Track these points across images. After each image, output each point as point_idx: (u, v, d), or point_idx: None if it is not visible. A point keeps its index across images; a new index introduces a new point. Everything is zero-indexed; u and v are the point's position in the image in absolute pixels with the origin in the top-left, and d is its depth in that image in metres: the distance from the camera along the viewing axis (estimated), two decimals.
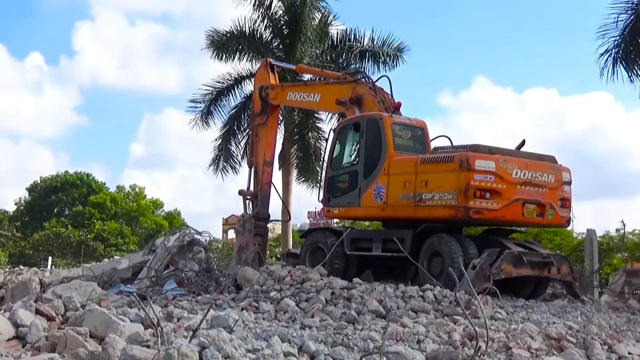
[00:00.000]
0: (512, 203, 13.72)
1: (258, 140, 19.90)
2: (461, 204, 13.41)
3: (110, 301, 11.56)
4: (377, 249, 14.99)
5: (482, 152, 13.78)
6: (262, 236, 19.38)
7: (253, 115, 20.56)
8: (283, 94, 19.50)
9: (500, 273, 13.07)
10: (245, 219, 19.22)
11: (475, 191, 13.40)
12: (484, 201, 13.47)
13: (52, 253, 48.21)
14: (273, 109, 19.96)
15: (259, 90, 19.77)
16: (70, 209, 69.19)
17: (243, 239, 19.02)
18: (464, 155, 13.62)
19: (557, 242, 32.63)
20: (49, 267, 34.52)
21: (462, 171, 13.48)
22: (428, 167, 14.26)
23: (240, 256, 18.53)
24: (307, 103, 19.51)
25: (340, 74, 19.31)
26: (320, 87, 19.13)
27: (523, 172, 13.84)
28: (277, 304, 11.21)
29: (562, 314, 12.43)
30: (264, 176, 19.58)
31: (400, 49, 30.01)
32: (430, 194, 13.93)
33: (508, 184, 13.66)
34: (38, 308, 8.08)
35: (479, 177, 13.43)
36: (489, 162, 13.57)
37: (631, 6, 20.34)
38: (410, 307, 10.93)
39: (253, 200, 19.59)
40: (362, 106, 16.67)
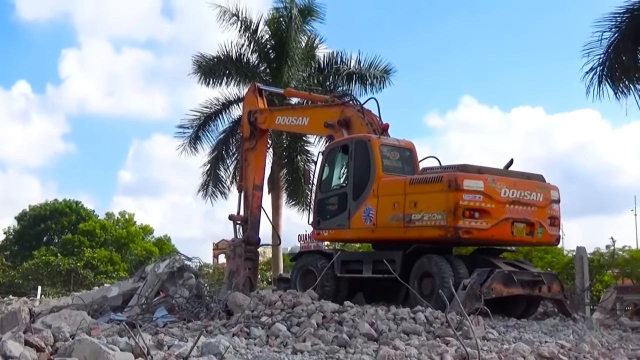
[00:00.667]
0: (501, 222, 13.76)
1: (247, 165, 19.87)
2: (450, 224, 13.43)
3: (100, 330, 11.48)
4: (368, 270, 14.98)
5: (470, 172, 13.83)
6: (252, 260, 19.30)
7: (242, 140, 20.55)
8: (272, 118, 19.51)
9: (491, 292, 13.08)
10: (236, 244, 19.16)
11: (464, 211, 13.44)
12: (473, 221, 13.51)
13: (41, 282, 47.89)
14: (262, 133, 19.94)
15: (248, 115, 19.72)
16: (59, 237, 68.79)
17: (234, 264, 18.95)
18: (453, 175, 13.66)
19: (547, 260, 32.69)
20: (38, 296, 34.34)
21: (451, 191, 13.52)
22: (417, 187, 14.28)
23: (231, 281, 18.46)
24: (296, 126, 19.54)
25: (328, 97, 19.39)
26: (309, 111, 19.27)
27: (511, 191, 13.89)
28: (268, 329, 11.16)
29: (554, 332, 12.43)
30: (253, 200, 19.53)
31: (387, 71, 30.15)
32: (420, 215, 13.95)
33: (497, 203, 13.71)
34: (27, 339, 8.00)
35: (467, 196, 13.48)
36: (478, 182, 13.62)
37: (615, 24, 20.48)
38: (402, 329, 10.90)
39: (243, 225, 19.54)
40: (350, 128, 16.70)
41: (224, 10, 29.80)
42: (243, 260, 18.89)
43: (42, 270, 52.18)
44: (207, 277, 28.08)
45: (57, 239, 69.46)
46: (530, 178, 14.59)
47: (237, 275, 18.48)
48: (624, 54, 20.53)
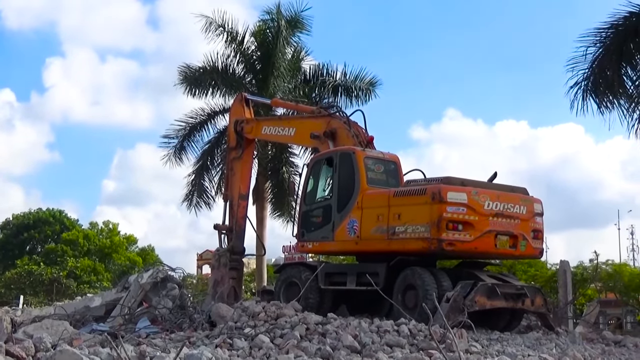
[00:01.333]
0: (484, 235, 13.78)
1: (233, 174, 19.84)
2: (434, 236, 13.44)
3: (82, 340, 11.44)
4: (352, 283, 14.95)
5: (454, 184, 13.87)
6: (237, 270, 19.23)
7: (228, 150, 20.55)
8: (258, 127, 19.51)
9: (474, 305, 13.09)
10: (221, 253, 19.09)
11: (447, 223, 13.45)
12: (456, 233, 13.52)
13: (24, 291, 47.66)
14: (248, 143, 19.92)
15: (234, 125, 19.73)
16: (42, 247, 68.50)
17: (218, 274, 18.87)
18: (436, 188, 13.69)
19: (531, 274, 32.73)
20: (20, 305, 34.13)
21: (435, 203, 13.54)
22: (401, 200, 14.30)
23: (216, 290, 18.43)
24: (282, 137, 19.54)
25: (315, 108, 19.37)
26: (295, 121, 19.22)
27: (495, 203, 13.93)
28: (251, 341, 11.15)
29: (536, 346, 12.46)
30: (239, 210, 19.51)
31: (372, 84, 30.18)
32: (404, 227, 13.96)
33: (480, 215, 13.74)
34: (8, 349, 7.96)
35: (451, 209, 13.50)
36: (461, 194, 13.65)
37: (599, 39, 20.64)
38: (385, 342, 10.90)
39: (228, 234, 19.49)
40: (336, 140, 16.71)
41: (210, 21, 29.80)
42: (228, 269, 18.81)
43: (24, 279, 51.90)
44: (190, 288, 27.93)
45: (40, 248, 69.16)
46: (513, 191, 14.65)
47: (222, 284, 18.46)
48: (608, 69, 20.67)
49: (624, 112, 21.06)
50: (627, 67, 21.01)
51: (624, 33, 20.40)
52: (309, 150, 29.03)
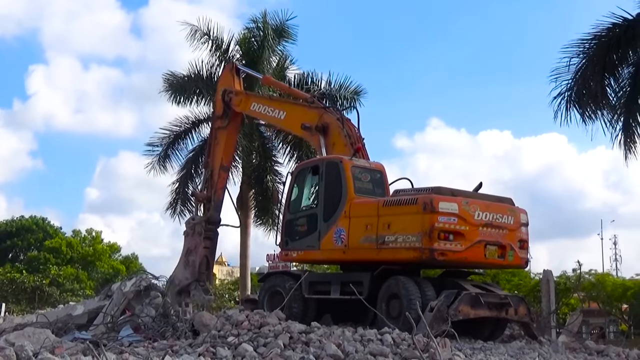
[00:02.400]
0: (475, 245, 13.84)
1: (217, 144, 19.69)
2: (426, 246, 13.46)
3: (64, 349, 11.35)
4: (336, 292, 14.94)
5: (444, 194, 13.90)
6: (211, 240, 19.23)
7: (214, 118, 20.39)
8: (247, 102, 19.36)
9: (458, 315, 13.11)
10: (196, 222, 19.06)
11: (439, 233, 13.49)
12: (447, 243, 13.56)
13: (6, 299, 47.40)
14: (235, 114, 19.76)
15: (222, 94, 19.56)
16: (25, 254, 68.21)
17: (192, 242, 18.85)
18: (428, 198, 13.72)
19: (515, 283, 32.93)
20: (2, 313, 33.93)
21: (426, 213, 13.57)
22: (391, 209, 14.32)
23: (188, 259, 18.50)
24: (271, 118, 19.27)
25: (309, 95, 19.20)
26: (287, 105, 18.95)
27: (484, 213, 14.01)
28: (234, 349, 11.08)
29: (520, 355, 12.47)
30: (219, 181, 19.42)
31: (357, 92, 30.24)
32: (394, 236, 13.95)
33: (471, 225, 13.80)
34: None
35: (442, 219, 13.54)
36: (452, 204, 13.71)
37: (582, 50, 20.80)
38: (369, 351, 10.86)
39: (205, 204, 19.49)
40: (327, 135, 16.63)
41: (195, 29, 29.92)
42: (202, 239, 18.83)
43: (6, 287, 51.63)
44: None
45: (22, 255, 68.85)
46: (500, 201, 14.71)
47: (195, 253, 18.55)
48: (591, 80, 20.83)
49: (606, 123, 21.28)
50: (610, 78, 21.20)
51: (607, 44, 20.57)
52: (294, 158, 29.11)
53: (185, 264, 18.64)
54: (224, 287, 56.30)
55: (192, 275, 18.81)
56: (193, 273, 18.81)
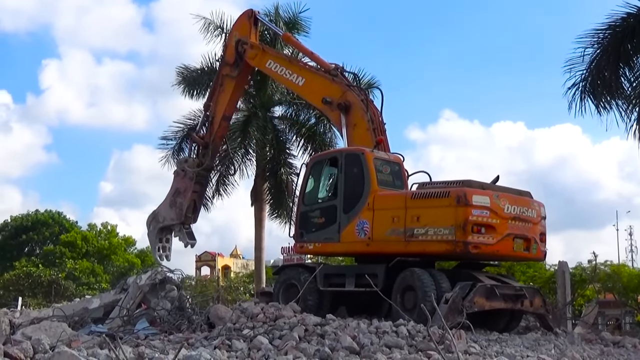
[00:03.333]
0: (504, 238, 13.91)
1: (222, 91, 19.42)
2: (460, 239, 13.49)
3: (80, 342, 11.42)
4: (351, 284, 14.91)
5: (475, 188, 13.94)
6: (201, 185, 19.36)
7: (222, 62, 19.87)
8: (263, 58, 18.98)
9: (473, 306, 13.09)
10: (190, 164, 19.08)
11: (473, 226, 13.53)
12: (480, 236, 13.62)
13: (22, 293, 47.56)
14: (247, 67, 19.46)
15: (237, 44, 19.12)
16: (41, 248, 68.47)
17: (182, 184, 18.93)
18: (461, 191, 13.74)
19: (530, 275, 32.81)
20: (19, 307, 34.02)
21: (460, 206, 13.59)
22: (420, 202, 14.30)
23: (175, 200, 18.63)
24: (287, 81, 18.92)
25: (332, 66, 18.27)
26: (307, 72, 18.48)
27: (513, 207, 14.08)
28: (250, 342, 11.11)
29: (535, 346, 12.45)
30: (219, 130, 19.33)
31: (370, 84, 29.99)
32: (424, 229, 13.93)
33: (501, 219, 13.86)
34: (6, 351, 7.96)
35: (476, 212, 13.59)
36: (485, 198, 13.76)
37: (597, 40, 20.67)
38: (384, 343, 10.87)
39: (202, 149, 19.47)
40: (348, 115, 16.53)
41: (208, 22, 29.79)
42: (193, 183, 18.84)
43: (23, 281, 51.85)
44: (189, 289, 27.90)
45: (38, 249, 69.12)
46: (521, 194, 14.70)
47: (184, 196, 18.64)
48: (606, 70, 20.70)
49: (621, 113, 21.12)
50: (625, 68, 21.04)
51: (621, 34, 20.43)
52: (307, 151, 29.06)
53: (171, 203, 18.69)
54: (239, 279, 56.38)
55: (178, 217, 18.89)
56: (179, 215, 18.86)
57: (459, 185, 14.08)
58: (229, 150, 28.53)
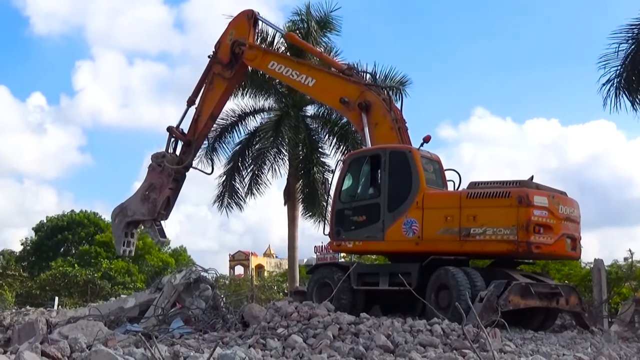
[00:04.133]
0: (560, 238, 14.06)
1: (212, 90, 19.10)
2: (522, 239, 13.55)
3: (116, 341, 11.52)
4: (384, 283, 14.88)
5: (531, 188, 14.01)
6: (177, 182, 18.99)
7: (214, 60, 19.26)
8: (265, 59, 18.78)
9: (508, 305, 13.03)
10: (169, 160, 18.79)
11: (534, 226, 13.59)
12: (540, 236, 13.69)
13: (59, 293, 47.94)
14: (242, 68, 19.20)
15: (233, 44, 18.76)
16: (76, 248, 68.96)
17: (158, 179, 18.68)
18: (523, 191, 13.79)
19: (565, 273, 32.47)
20: (55, 307, 34.39)
21: (522, 207, 13.66)
22: (477, 202, 14.26)
23: (149, 195, 18.39)
24: (293, 82, 18.60)
25: (345, 66, 18.50)
26: (318, 73, 18.36)
27: (565, 207, 14.25)
28: (284, 341, 11.13)
29: (571, 345, 12.36)
30: (204, 128, 19.10)
31: (402, 83, 29.97)
32: (481, 229, 13.95)
33: (557, 219, 14.00)
34: (44, 350, 8.03)
35: (537, 212, 13.70)
36: (543, 198, 13.87)
37: (632, 36, 20.47)
38: (418, 342, 10.84)
39: (183, 147, 19.22)
40: (370, 115, 16.46)
41: None
42: (171, 180, 18.59)
43: (59, 281, 52.31)
44: (223, 289, 28.02)
45: (74, 249, 69.62)
46: (561, 194, 14.68)
47: (158, 192, 18.39)
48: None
49: None
50: None
51: None
52: (340, 150, 29.03)
53: (143, 198, 18.41)
54: (273, 279, 56.48)
55: (150, 212, 18.63)
56: (151, 211, 18.60)
57: (516, 185, 14.11)
58: (262, 150, 28.63)
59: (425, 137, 15.66)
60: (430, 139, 15.71)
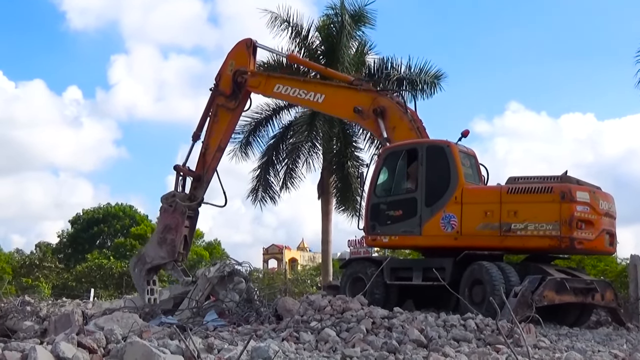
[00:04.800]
0: (601, 233, 14.06)
1: (217, 122, 18.96)
2: (565, 235, 13.57)
3: (151, 333, 11.58)
4: (418, 278, 14.87)
5: (573, 183, 13.99)
6: (192, 219, 18.80)
7: (216, 92, 19.12)
8: (269, 84, 18.67)
9: (543, 300, 12.95)
10: (179, 198, 18.62)
11: (577, 222, 13.60)
12: (582, 232, 13.70)
13: (94, 284, 48.46)
14: (246, 95, 19.06)
15: (234, 74, 18.67)
16: (112, 241, 69.62)
17: (172, 219, 18.45)
18: (566, 187, 13.79)
19: (600, 268, 32.18)
20: (91, 298, 34.76)
21: (565, 202, 13.67)
22: (518, 197, 14.20)
23: (165, 237, 18.12)
24: (302, 100, 18.62)
25: (353, 78, 18.60)
26: (326, 88, 18.37)
27: (604, 203, 14.24)
28: (317, 334, 11.13)
29: (607, 341, 12.25)
30: (212, 161, 18.87)
31: (437, 77, 29.88)
32: (523, 224, 13.93)
33: (597, 215, 14.00)
34: (80, 340, 8.10)
35: (580, 208, 13.72)
36: (585, 194, 13.88)
37: None
38: (452, 336, 10.80)
39: (193, 182, 19.05)
40: (386, 119, 16.42)
41: (275, 16, 29.93)
42: (185, 218, 18.42)
43: (95, 273, 52.85)
44: (257, 282, 28.11)
45: (109, 242, 70.27)
46: (598, 189, 14.59)
47: (175, 232, 18.14)
48: None
49: None
50: None
51: None
52: (374, 144, 28.96)
53: (160, 241, 18.20)
54: (306, 272, 56.59)
55: (170, 254, 18.36)
56: (171, 252, 18.34)
57: (557, 180, 14.06)
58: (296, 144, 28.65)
59: (463, 132, 15.61)
60: (469, 133, 15.67)
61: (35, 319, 17.48)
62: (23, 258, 61.87)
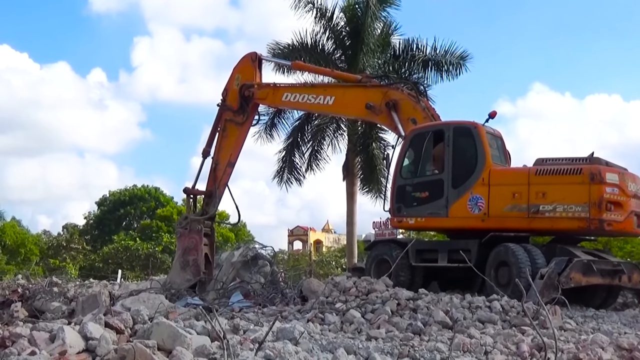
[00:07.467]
0: (629, 215, 13.96)
1: (226, 137, 18.95)
2: (595, 216, 13.50)
3: (177, 314, 11.66)
4: (443, 259, 14.84)
5: (601, 165, 13.91)
6: (209, 236, 18.74)
7: (223, 108, 19.12)
8: (277, 94, 18.67)
9: (569, 282, 12.88)
10: (192, 219, 18.58)
11: (606, 204, 13.52)
12: (611, 213, 13.62)
13: (121, 266, 48.83)
14: (254, 108, 19.12)
15: (241, 89, 18.66)
16: (138, 222, 70.02)
17: (190, 241, 18.35)
18: (595, 168, 13.71)
19: (627, 250, 31.97)
20: (118, 280, 35.02)
21: (595, 184, 13.59)
22: (546, 178, 14.14)
23: (187, 259, 17.97)
24: (313, 106, 18.58)
25: (361, 76, 18.63)
26: (335, 89, 18.39)
27: (633, 184, 14.12)
28: (342, 316, 11.16)
29: (633, 323, 12.17)
30: (223, 177, 18.86)
31: (462, 58, 29.72)
32: (551, 206, 13.89)
33: (626, 196, 13.89)
34: (107, 321, 8.16)
35: (609, 189, 13.63)
36: (614, 175, 13.80)
37: None
38: (477, 318, 10.79)
39: (205, 199, 19.07)
40: (399, 112, 16.36)
41: None
42: (202, 235, 18.34)
43: (121, 254, 53.26)
44: (281, 264, 28.22)
45: (135, 224, 70.69)
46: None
47: (195, 252, 18.03)
48: None
49: None
50: None
51: None
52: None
53: (183, 265, 18.07)
54: (331, 254, 56.69)
55: (194, 274, 18.10)
56: (195, 272, 18.11)
57: (585, 162, 13.99)
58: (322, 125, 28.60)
59: (490, 113, 15.51)
60: (496, 114, 15.58)
61: (63, 299, 17.66)
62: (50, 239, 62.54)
